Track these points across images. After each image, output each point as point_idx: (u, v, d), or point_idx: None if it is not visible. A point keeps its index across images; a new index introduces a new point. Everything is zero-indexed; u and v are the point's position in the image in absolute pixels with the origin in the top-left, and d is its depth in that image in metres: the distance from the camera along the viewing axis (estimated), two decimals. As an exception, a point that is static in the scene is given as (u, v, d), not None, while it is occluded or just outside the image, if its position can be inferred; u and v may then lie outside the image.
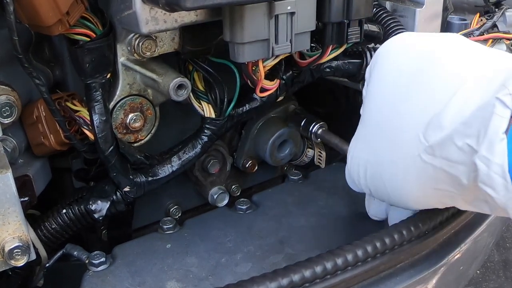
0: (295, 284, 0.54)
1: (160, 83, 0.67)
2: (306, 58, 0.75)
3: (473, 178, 0.46)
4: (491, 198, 0.46)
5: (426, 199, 0.57)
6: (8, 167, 0.53)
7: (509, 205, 0.45)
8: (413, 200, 0.57)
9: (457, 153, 0.47)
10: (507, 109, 0.44)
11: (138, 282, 0.64)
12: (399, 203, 0.59)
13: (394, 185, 0.57)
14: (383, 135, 0.56)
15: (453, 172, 0.49)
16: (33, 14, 0.56)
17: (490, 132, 0.44)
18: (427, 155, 0.50)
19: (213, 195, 0.87)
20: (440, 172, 0.50)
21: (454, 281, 0.74)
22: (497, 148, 0.43)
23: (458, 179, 0.49)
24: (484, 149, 0.44)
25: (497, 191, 0.44)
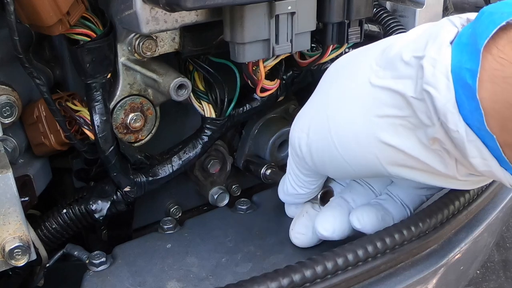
0: (295, 284, 0.54)
1: (160, 83, 0.67)
2: (307, 58, 0.75)
3: (419, 86, 0.47)
4: (432, 101, 0.46)
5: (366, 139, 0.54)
6: (9, 167, 0.53)
7: (449, 107, 0.45)
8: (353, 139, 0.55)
9: (404, 68, 0.49)
10: (454, 27, 0.48)
11: (139, 282, 0.64)
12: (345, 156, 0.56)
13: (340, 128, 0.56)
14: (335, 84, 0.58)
15: (399, 89, 0.49)
16: (34, 14, 0.56)
17: (438, 40, 0.47)
18: (376, 78, 0.52)
19: (213, 195, 0.87)
20: (386, 93, 0.51)
21: (454, 281, 0.74)
22: (444, 51, 0.46)
23: (403, 96, 0.49)
24: (433, 51, 0.47)
25: (439, 90, 0.45)
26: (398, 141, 0.52)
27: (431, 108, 0.47)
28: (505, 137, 0.45)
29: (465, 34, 0.46)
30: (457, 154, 0.49)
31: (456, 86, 0.45)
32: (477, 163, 0.48)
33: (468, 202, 0.68)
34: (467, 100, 0.45)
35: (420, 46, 0.48)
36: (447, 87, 0.45)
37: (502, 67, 0.43)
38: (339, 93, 0.57)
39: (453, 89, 0.45)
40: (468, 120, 0.45)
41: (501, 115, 0.44)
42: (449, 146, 0.48)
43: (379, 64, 0.53)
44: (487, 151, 0.46)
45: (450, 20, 0.49)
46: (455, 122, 0.46)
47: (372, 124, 0.53)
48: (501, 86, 0.43)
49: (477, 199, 0.70)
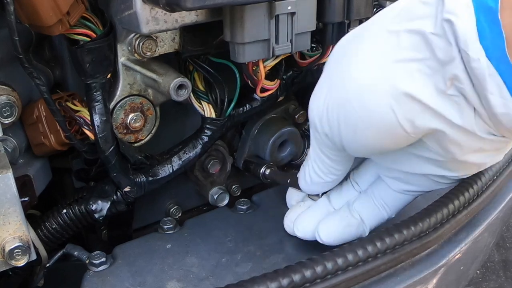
0: (295, 284, 0.54)
1: (160, 83, 0.67)
2: (307, 58, 0.75)
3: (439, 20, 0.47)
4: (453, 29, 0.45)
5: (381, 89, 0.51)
6: (9, 167, 0.53)
7: (470, 34, 0.45)
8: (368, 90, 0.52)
9: (423, 8, 0.49)
10: None
11: (139, 282, 0.64)
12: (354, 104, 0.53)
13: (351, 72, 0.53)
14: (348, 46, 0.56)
15: (418, 27, 0.49)
16: (34, 14, 0.56)
17: None
18: (392, 24, 0.51)
19: (213, 195, 0.87)
20: (403, 36, 0.50)
21: (454, 281, 0.74)
22: None
23: (422, 35, 0.49)
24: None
25: (460, 17, 0.45)
26: (414, 88, 0.49)
27: (452, 38, 0.46)
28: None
29: None
30: (475, 97, 0.47)
31: (477, 12, 0.44)
32: (495, 102, 0.46)
33: (468, 202, 0.68)
34: (488, 26, 0.44)
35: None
36: (468, 12, 0.45)
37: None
38: (354, 50, 0.55)
39: (474, 15, 0.44)
40: (489, 52, 0.45)
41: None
42: (468, 85, 0.47)
43: (395, 12, 0.52)
44: (506, 91, 0.45)
45: None
46: (476, 49, 0.45)
47: (389, 71, 0.51)
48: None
49: (477, 199, 0.70)
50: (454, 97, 0.49)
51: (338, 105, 0.55)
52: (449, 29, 0.46)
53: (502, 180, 0.75)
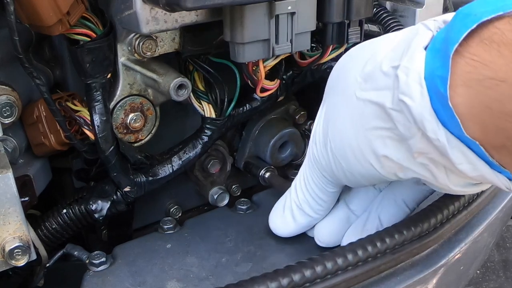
0: (295, 284, 0.54)
1: (160, 83, 0.67)
2: (307, 58, 0.75)
3: (396, 97, 0.47)
4: (409, 111, 0.45)
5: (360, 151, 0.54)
6: (9, 167, 0.53)
7: (425, 116, 0.44)
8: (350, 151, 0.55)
9: (383, 79, 0.49)
10: (429, 31, 0.48)
11: (139, 282, 0.64)
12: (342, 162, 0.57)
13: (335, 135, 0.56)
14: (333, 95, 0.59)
15: (379, 100, 0.49)
16: (34, 14, 0.56)
17: (412, 47, 0.46)
18: (360, 91, 0.52)
19: (213, 195, 0.87)
20: (369, 106, 0.51)
21: (454, 281, 0.74)
22: (416, 58, 0.46)
23: (383, 108, 0.49)
24: (405, 60, 0.46)
25: (413, 99, 0.45)
26: (388, 152, 0.51)
27: (410, 118, 0.46)
28: (490, 140, 0.43)
29: (438, 39, 0.46)
30: (445, 162, 0.47)
31: (430, 93, 0.44)
32: (465, 169, 0.46)
33: (468, 202, 0.68)
34: (442, 108, 0.43)
35: (397, 55, 0.48)
36: (421, 94, 0.44)
37: (475, 69, 0.42)
38: (332, 108, 0.58)
39: (427, 96, 0.44)
40: (448, 127, 0.44)
41: (480, 119, 0.43)
42: (435, 155, 0.47)
43: (362, 76, 0.52)
44: (473, 155, 0.45)
45: (425, 24, 0.48)
46: (434, 130, 0.45)
47: (363, 137, 0.53)
48: (476, 89, 0.42)
49: (477, 199, 0.70)
50: (424, 165, 0.50)
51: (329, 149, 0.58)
52: (405, 108, 0.46)
53: (502, 180, 0.75)
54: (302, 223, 0.67)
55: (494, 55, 0.41)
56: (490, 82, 0.41)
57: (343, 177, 0.59)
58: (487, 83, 0.41)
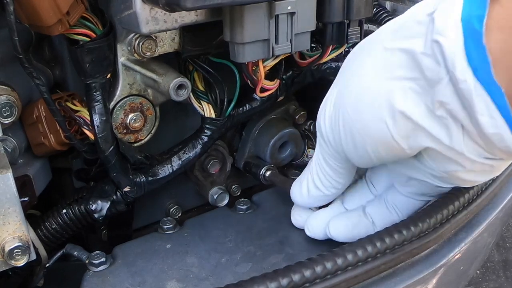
0: (295, 284, 0.54)
1: (160, 83, 0.67)
2: (306, 58, 0.75)
3: (428, 40, 0.47)
4: (441, 49, 0.45)
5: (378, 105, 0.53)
6: (8, 167, 0.53)
7: (457, 53, 0.44)
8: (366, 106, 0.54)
9: (416, 27, 0.49)
10: None
11: (139, 282, 0.64)
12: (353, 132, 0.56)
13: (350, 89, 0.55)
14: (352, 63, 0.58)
15: (410, 46, 0.49)
16: (33, 14, 0.56)
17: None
18: (389, 41, 0.52)
19: (213, 195, 0.87)
20: (397, 54, 0.51)
21: (454, 281, 0.74)
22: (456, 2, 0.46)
23: (413, 54, 0.49)
24: (444, 4, 0.46)
25: (448, 38, 0.45)
26: (407, 106, 0.50)
27: (440, 58, 0.46)
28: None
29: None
30: (464, 117, 0.47)
31: (465, 33, 0.44)
32: (485, 122, 0.46)
33: (468, 202, 0.68)
34: (475, 48, 0.43)
35: (433, 4, 0.48)
36: (456, 34, 0.44)
37: (510, 16, 0.42)
38: (356, 65, 0.57)
39: (462, 36, 0.44)
40: (476, 73, 0.44)
41: (509, 66, 0.43)
42: (457, 106, 0.47)
43: (393, 29, 0.52)
44: (495, 108, 0.45)
45: None
46: (463, 70, 0.44)
47: (383, 87, 0.52)
48: (509, 35, 0.42)
49: (477, 199, 0.70)
50: (442, 118, 0.49)
51: (340, 116, 0.57)
52: (438, 49, 0.46)
53: (502, 180, 0.75)
54: (314, 196, 0.67)
55: None
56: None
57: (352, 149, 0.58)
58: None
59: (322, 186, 0.66)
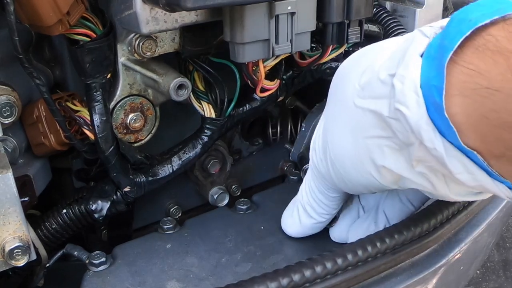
0: (295, 284, 0.54)
1: (160, 83, 0.67)
2: (307, 58, 0.75)
3: (392, 105, 0.46)
4: (406, 120, 0.45)
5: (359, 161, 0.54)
6: (9, 167, 0.53)
7: (422, 125, 0.44)
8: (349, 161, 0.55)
9: (380, 87, 0.48)
10: (425, 38, 0.46)
11: (139, 282, 0.64)
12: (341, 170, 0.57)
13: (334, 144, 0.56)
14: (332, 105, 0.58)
15: (377, 109, 0.49)
16: (34, 14, 0.56)
17: (407, 55, 0.46)
18: (358, 99, 0.51)
19: (213, 195, 0.87)
20: (367, 114, 0.50)
21: (454, 281, 0.74)
22: (411, 66, 0.45)
23: (381, 116, 0.48)
24: (401, 69, 0.45)
25: (409, 108, 0.44)
26: (387, 162, 0.51)
27: (406, 127, 0.45)
28: (488, 149, 0.42)
29: (433, 46, 0.45)
30: (444, 170, 0.47)
31: (427, 102, 0.43)
32: (464, 179, 0.45)
33: (468, 202, 0.68)
34: (439, 117, 0.43)
35: (394, 63, 0.47)
36: (417, 103, 0.43)
37: (470, 78, 0.41)
38: (332, 116, 0.58)
39: (424, 105, 0.43)
40: (445, 136, 0.44)
41: (478, 129, 0.42)
42: (434, 163, 0.46)
43: (360, 84, 0.52)
44: (472, 165, 0.44)
45: (421, 31, 0.47)
46: (431, 139, 0.44)
47: (361, 146, 0.52)
48: (472, 98, 0.41)
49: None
50: (423, 174, 0.49)
51: (329, 161, 0.58)
52: (402, 118, 0.45)
53: (502, 180, 0.75)
54: (307, 225, 0.67)
55: (489, 63, 0.40)
56: (486, 92, 0.40)
57: (342, 185, 0.59)
58: (483, 93, 0.40)
59: (315, 214, 0.66)
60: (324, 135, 0.59)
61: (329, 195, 0.64)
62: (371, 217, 0.66)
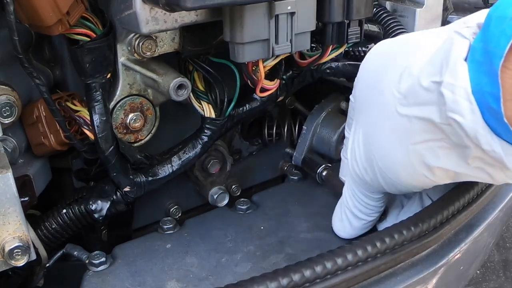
0: (295, 284, 0.54)
1: (160, 83, 0.67)
2: (306, 58, 0.75)
3: (444, 113, 0.46)
4: (460, 127, 0.45)
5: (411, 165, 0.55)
6: (8, 167, 0.53)
7: (478, 130, 0.44)
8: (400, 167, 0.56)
9: (425, 94, 0.48)
10: (465, 39, 0.46)
11: (138, 282, 0.64)
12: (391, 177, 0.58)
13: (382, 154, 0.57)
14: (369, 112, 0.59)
15: (425, 115, 0.49)
16: (33, 14, 0.56)
17: (451, 61, 0.45)
18: (401, 107, 0.52)
19: (213, 195, 0.87)
20: (415, 121, 0.51)
21: (454, 281, 0.74)
22: (459, 73, 0.44)
23: (431, 122, 0.48)
24: (448, 76, 0.45)
25: (464, 116, 0.44)
26: (441, 163, 0.51)
27: (461, 133, 0.46)
28: None
29: (477, 49, 0.44)
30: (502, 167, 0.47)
31: (481, 108, 0.43)
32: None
33: (468, 202, 0.68)
34: (496, 122, 0.43)
35: (436, 69, 0.47)
36: (471, 111, 0.44)
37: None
38: (372, 126, 0.58)
39: (478, 111, 0.44)
40: (503, 137, 0.44)
41: None
42: (491, 161, 0.47)
43: (400, 92, 0.52)
44: None
45: (459, 32, 0.47)
46: (488, 142, 0.44)
47: (412, 152, 0.53)
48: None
49: (477, 199, 0.70)
50: (479, 168, 0.50)
51: (376, 169, 0.59)
52: (456, 125, 0.45)
53: (502, 180, 0.75)
54: (358, 226, 0.68)
55: None
56: None
57: (393, 189, 0.61)
58: None
59: (363, 215, 0.67)
60: (366, 145, 0.59)
61: (373, 197, 0.65)
62: (416, 203, 0.68)
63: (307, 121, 0.87)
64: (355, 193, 0.65)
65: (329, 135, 0.85)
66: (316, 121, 0.86)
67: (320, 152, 0.88)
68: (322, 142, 0.86)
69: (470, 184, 0.67)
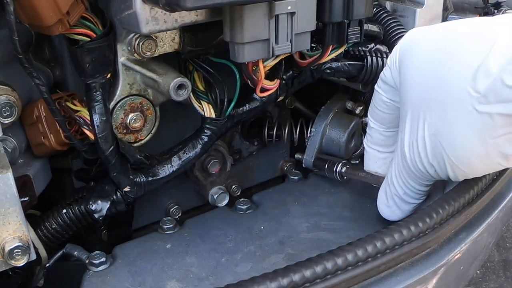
0: (295, 284, 0.54)
1: (160, 83, 0.67)
2: (306, 58, 0.75)
3: None
4: None
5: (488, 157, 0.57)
6: (8, 167, 0.53)
7: None
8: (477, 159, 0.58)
9: (509, 92, 0.51)
10: None
11: (138, 282, 0.64)
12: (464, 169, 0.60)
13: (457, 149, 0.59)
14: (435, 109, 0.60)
15: (510, 112, 0.52)
16: (33, 14, 0.56)
17: None
18: (480, 105, 0.54)
19: (213, 195, 0.87)
20: (497, 117, 0.54)
21: (454, 281, 0.74)
22: None
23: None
24: None
25: None
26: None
27: None
28: None
29: None
30: None
31: None
32: None
33: (468, 202, 0.68)
34: None
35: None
36: None
37: None
38: (446, 123, 0.59)
39: None
40: None
41: None
42: None
43: (478, 91, 0.54)
44: None
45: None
46: None
47: (490, 145, 0.56)
48: None
49: (477, 199, 0.70)
50: None
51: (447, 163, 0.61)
52: None
53: (502, 180, 0.75)
54: (407, 210, 0.70)
55: None
56: None
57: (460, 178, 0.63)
58: None
59: (413, 200, 0.69)
60: (434, 142, 0.60)
61: (427, 184, 0.67)
62: None
63: (315, 123, 0.87)
64: (407, 182, 0.67)
65: (339, 136, 0.86)
66: (324, 122, 0.86)
67: (329, 153, 0.88)
68: (332, 143, 0.87)
69: (470, 184, 0.67)
